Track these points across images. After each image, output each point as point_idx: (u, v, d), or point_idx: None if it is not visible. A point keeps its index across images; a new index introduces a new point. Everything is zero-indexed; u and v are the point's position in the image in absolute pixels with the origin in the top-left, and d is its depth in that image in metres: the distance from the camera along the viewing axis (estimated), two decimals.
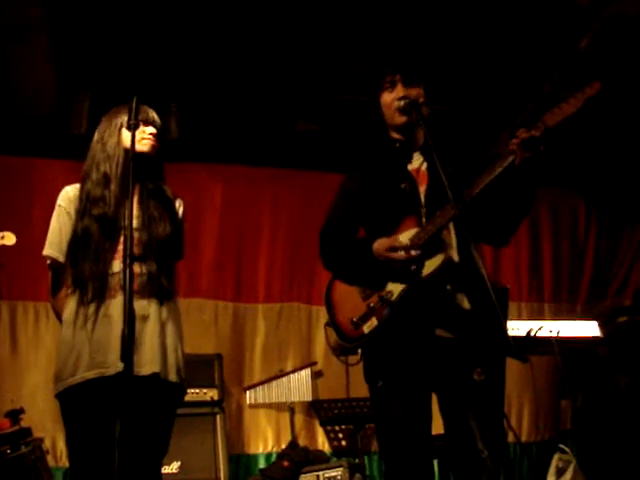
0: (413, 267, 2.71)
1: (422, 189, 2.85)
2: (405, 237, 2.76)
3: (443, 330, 2.71)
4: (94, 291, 2.68)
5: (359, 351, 2.93)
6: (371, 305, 2.79)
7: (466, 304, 2.72)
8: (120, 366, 2.18)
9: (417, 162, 2.92)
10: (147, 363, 2.64)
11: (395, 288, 2.75)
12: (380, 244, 2.78)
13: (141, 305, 2.67)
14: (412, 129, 2.89)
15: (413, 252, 2.71)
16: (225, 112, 5.73)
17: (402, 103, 2.84)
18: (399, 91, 2.88)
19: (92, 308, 2.67)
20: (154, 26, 4.81)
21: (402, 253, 2.71)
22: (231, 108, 5.69)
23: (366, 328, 2.79)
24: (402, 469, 2.71)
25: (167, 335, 2.75)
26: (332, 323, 2.96)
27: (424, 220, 2.75)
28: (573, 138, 6.04)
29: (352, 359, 4.88)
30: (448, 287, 2.72)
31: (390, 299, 2.74)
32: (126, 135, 2.82)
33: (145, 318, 2.68)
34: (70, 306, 2.74)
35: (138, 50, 4.97)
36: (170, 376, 2.71)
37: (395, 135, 2.99)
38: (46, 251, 2.86)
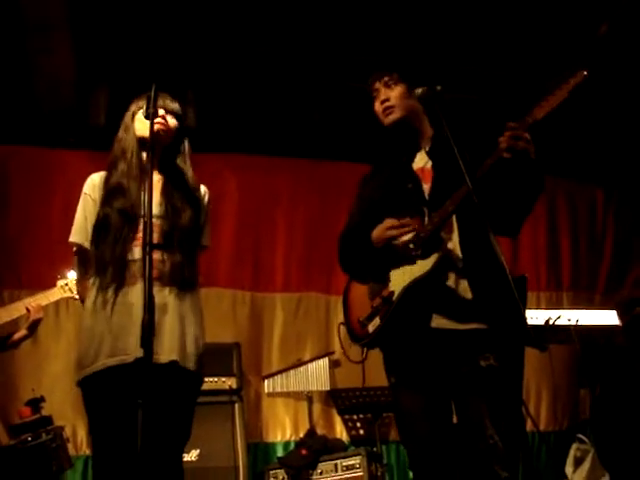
0: (411, 246, 2.76)
1: (426, 187, 2.90)
2: (408, 237, 2.81)
3: (446, 321, 2.75)
4: (113, 275, 2.71)
5: (364, 349, 2.99)
6: (375, 305, 2.86)
7: (469, 294, 2.75)
8: (139, 352, 2.20)
9: (422, 161, 2.98)
10: (166, 351, 2.66)
11: (397, 288, 2.80)
12: (377, 229, 2.86)
13: (161, 293, 2.68)
14: (406, 126, 3.00)
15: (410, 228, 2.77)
16: (241, 102, 5.74)
17: (383, 106, 2.99)
18: (381, 95, 3.02)
19: (111, 292, 2.70)
20: (171, 17, 4.83)
21: (395, 231, 2.78)
22: (247, 98, 5.70)
23: (371, 327, 2.87)
24: (421, 462, 2.78)
25: (187, 324, 2.76)
26: (346, 323, 3.06)
27: (426, 219, 2.80)
28: (592, 127, 6.03)
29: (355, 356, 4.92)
30: (450, 282, 2.77)
31: (391, 299, 2.79)
32: (138, 123, 2.91)
33: (165, 306, 2.69)
34: (92, 293, 2.77)
35: (155, 41, 4.99)
36: (188, 364, 2.73)
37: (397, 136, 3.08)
38: (72, 238, 2.91)
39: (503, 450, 2.57)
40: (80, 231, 2.89)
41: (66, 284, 3.95)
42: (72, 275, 3.89)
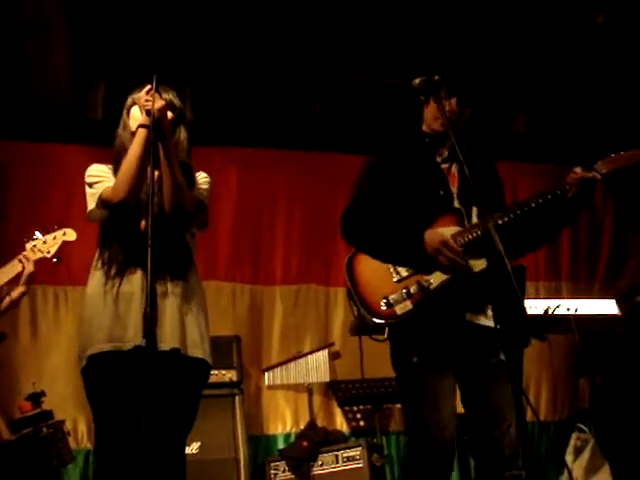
0: (460, 265, 2.77)
1: (454, 189, 2.95)
2: (447, 232, 2.84)
3: (478, 316, 2.85)
4: (113, 263, 2.73)
5: (386, 329, 2.98)
6: (409, 288, 2.86)
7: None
8: (138, 341, 2.19)
9: (444, 162, 3.01)
10: (167, 339, 2.66)
11: (435, 278, 2.83)
12: (433, 239, 2.81)
13: (160, 281, 2.67)
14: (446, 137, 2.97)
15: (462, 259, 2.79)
16: (239, 95, 5.73)
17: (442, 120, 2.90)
18: (453, 107, 2.93)
19: (110, 281, 2.71)
20: (168, 11, 4.82)
21: (453, 255, 2.77)
22: (245, 91, 5.70)
23: (399, 309, 2.86)
24: (429, 444, 2.79)
25: (187, 311, 2.76)
26: (356, 297, 2.97)
27: (466, 222, 2.85)
28: (591, 116, 6.02)
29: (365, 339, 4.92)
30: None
31: (429, 287, 2.82)
32: (132, 120, 2.89)
33: (164, 294, 2.69)
34: (93, 282, 2.78)
35: (153, 34, 4.99)
36: (191, 351, 2.73)
37: (427, 130, 3.07)
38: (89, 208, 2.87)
39: (518, 439, 2.64)
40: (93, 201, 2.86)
41: (34, 245, 3.94)
42: (38, 235, 3.92)
